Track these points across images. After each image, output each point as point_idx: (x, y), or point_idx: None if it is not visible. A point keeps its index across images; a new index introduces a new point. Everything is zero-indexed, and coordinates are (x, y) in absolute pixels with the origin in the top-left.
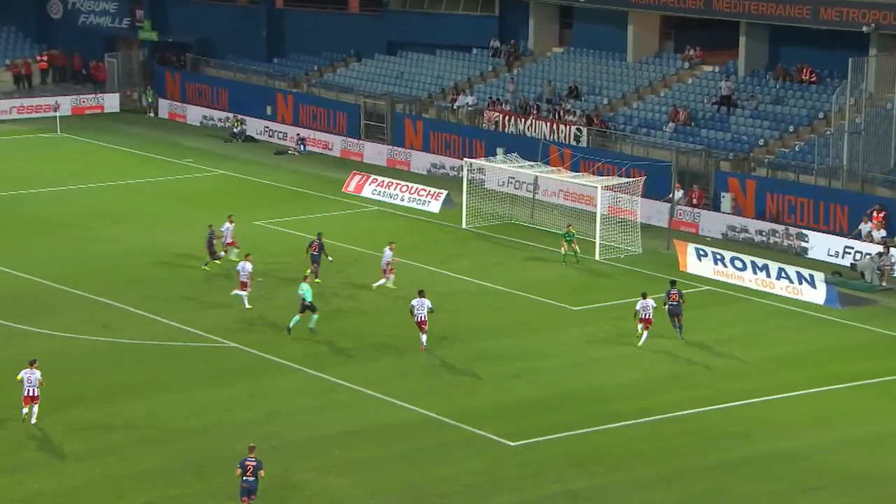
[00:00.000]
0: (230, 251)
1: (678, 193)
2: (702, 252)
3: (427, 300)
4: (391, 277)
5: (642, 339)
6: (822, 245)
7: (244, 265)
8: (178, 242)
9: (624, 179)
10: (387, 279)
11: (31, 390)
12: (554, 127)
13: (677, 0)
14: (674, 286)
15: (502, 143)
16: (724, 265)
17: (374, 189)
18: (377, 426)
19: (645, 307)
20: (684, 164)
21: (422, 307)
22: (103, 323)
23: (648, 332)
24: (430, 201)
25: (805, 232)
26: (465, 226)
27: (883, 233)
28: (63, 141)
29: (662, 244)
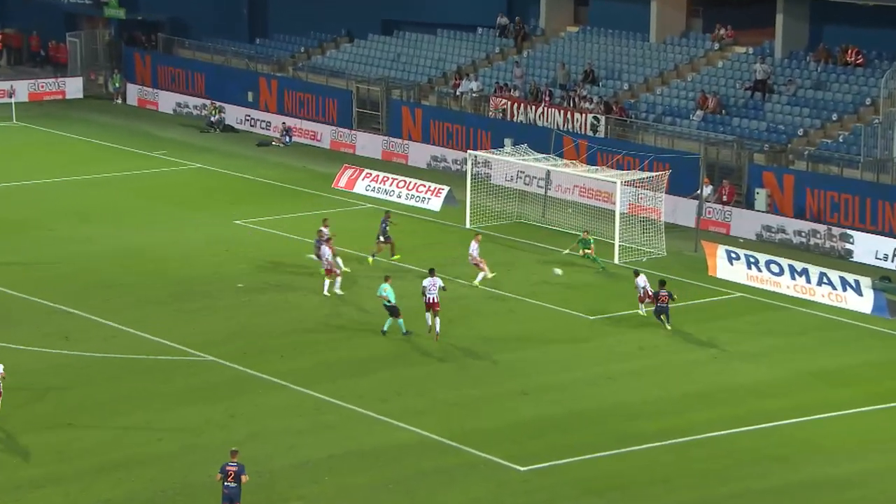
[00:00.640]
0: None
1: (707, 189)
2: (733, 255)
3: (438, 279)
4: (486, 268)
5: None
6: (868, 247)
7: (325, 250)
8: (148, 243)
9: (646, 174)
10: (484, 272)
11: None
12: (568, 115)
13: None
14: (663, 287)
15: (510, 133)
16: (759, 269)
17: (368, 185)
18: (370, 449)
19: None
20: (714, 157)
21: (433, 287)
22: (64, 334)
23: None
24: (431, 198)
25: (850, 232)
26: (469, 225)
27: None
28: (19, 131)
29: (689, 246)
